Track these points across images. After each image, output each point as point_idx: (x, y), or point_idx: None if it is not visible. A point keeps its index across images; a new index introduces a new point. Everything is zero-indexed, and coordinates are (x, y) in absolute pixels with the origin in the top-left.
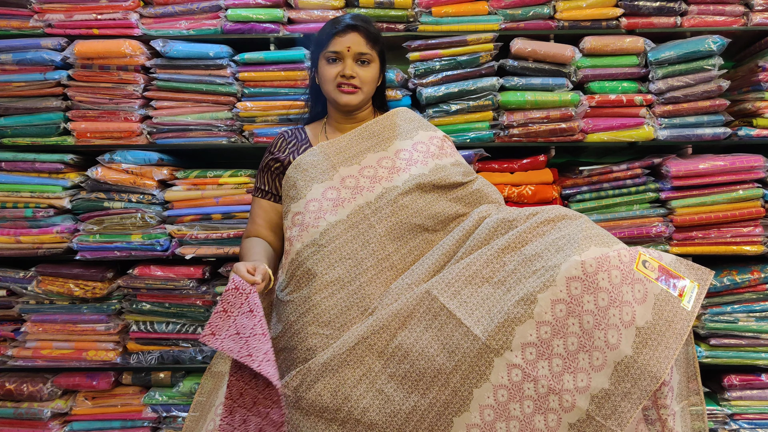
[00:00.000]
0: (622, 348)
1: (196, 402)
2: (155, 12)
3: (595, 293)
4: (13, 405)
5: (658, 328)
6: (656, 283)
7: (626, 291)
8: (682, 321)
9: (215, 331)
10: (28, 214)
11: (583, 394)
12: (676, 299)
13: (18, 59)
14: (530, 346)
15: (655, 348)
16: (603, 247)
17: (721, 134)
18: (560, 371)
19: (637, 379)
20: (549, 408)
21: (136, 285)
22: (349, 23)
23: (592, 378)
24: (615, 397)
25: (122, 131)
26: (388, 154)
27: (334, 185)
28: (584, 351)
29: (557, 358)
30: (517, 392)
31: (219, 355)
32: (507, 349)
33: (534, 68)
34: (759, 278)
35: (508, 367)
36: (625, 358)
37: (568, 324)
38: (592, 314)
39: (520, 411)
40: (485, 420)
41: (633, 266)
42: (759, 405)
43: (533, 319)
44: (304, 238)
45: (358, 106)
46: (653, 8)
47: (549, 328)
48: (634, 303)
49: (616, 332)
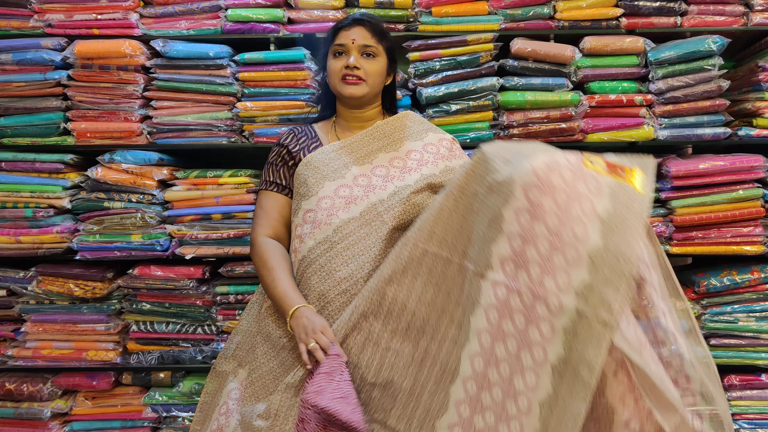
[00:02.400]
0: (591, 239)
1: (202, 402)
2: (155, 12)
3: (552, 195)
4: (13, 405)
5: (619, 214)
6: (607, 176)
7: (581, 186)
8: (639, 204)
9: (319, 391)
10: (28, 214)
11: (567, 293)
12: (628, 186)
13: (18, 59)
14: (507, 260)
15: (622, 232)
16: (549, 155)
17: (721, 134)
18: (540, 276)
19: (613, 264)
20: (539, 317)
21: (136, 285)
22: (356, 18)
23: (571, 274)
24: (597, 286)
25: (122, 131)
26: (400, 155)
27: (347, 183)
28: (557, 251)
29: (534, 264)
30: (506, 308)
31: (222, 354)
32: (489, 269)
33: (534, 68)
34: (759, 278)
35: (493, 286)
36: (596, 248)
37: (536, 229)
38: (554, 214)
39: (513, 327)
40: (484, 347)
41: (581, 165)
42: (759, 405)
43: (504, 234)
44: (316, 235)
45: (362, 98)
46: (653, 8)
47: (519, 239)
48: (591, 196)
49: (581, 226)
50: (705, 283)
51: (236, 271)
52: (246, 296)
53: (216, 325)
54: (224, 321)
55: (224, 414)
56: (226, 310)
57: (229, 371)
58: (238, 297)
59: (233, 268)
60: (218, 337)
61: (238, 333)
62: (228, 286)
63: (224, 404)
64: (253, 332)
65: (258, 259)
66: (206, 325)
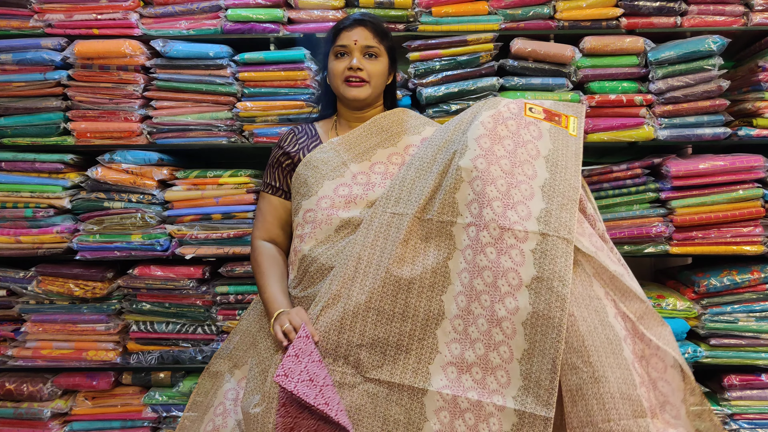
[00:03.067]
0: (539, 175)
1: (193, 402)
2: (155, 12)
3: (501, 142)
4: (13, 405)
5: (559, 152)
6: (545, 122)
7: (524, 133)
8: (575, 144)
9: (287, 373)
10: (28, 214)
11: (528, 220)
12: (564, 130)
13: (18, 59)
14: (471, 202)
15: (564, 168)
16: (492, 108)
17: (721, 134)
18: (502, 210)
19: (563, 193)
20: (508, 245)
21: (136, 285)
22: (357, 18)
23: (530, 205)
24: (553, 211)
25: (122, 131)
26: (398, 150)
27: (346, 182)
28: (513, 187)
29: (496, 201)
30: (478, 245)
31: (218, 354)
32: (458, 215)
33: (534, 68)
34: (759, 278)
35: (465, 229)
36: (545, 181)
37: (492, 172)
38: (506, 158)
39: (486, 259)
40: (464, 284)
41: (522, 113)
42: (759, 405)
43: (464, 181)
44: (317, 234)
45: (366, 100)
46: (653, 8)
47: (479, 180)
48: (534, 140)
49: (530, 166)
50: (705, 283)
51: (236, 271)
52: (246, 296)
53: (216, 325)
54: (224, 321)
55: (221, 414)
56: (226, 310)
57: (225, 371)
58: (238, 297)
59: (233, 268)
60: (218, 337)
61: (238, 332)
62: (228, 286)
63: (221, 404)
64: (253, 331)
65: (253, 262)
66: (206, 325)
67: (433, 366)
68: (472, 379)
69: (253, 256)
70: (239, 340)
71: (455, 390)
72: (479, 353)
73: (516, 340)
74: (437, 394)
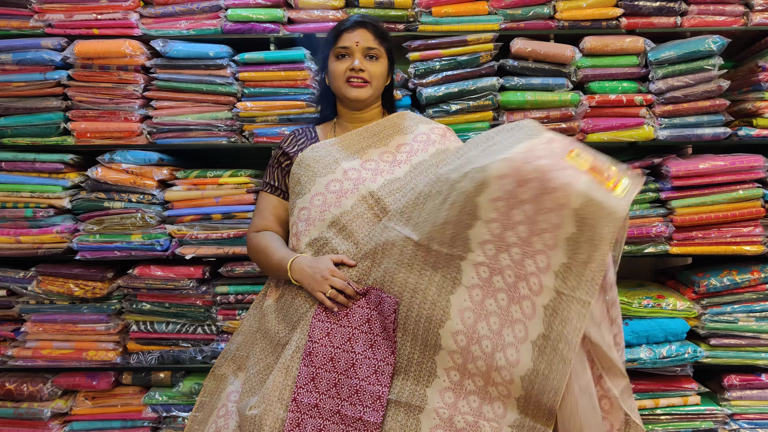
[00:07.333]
0: (565, 227)
1: (200, 402)
2: (155, 12)
3: (526, 185)
4: (13, 405)
5: (593, 209)
6: (585, 174)
7: (555, 177)
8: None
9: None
10: (28, 214)
11: (546, 273)
12: (605, 189)
13: (18, 59)
14: (487, 243)
15: (594, 224)
16: (528, 143)
17: (721, 134)
18: (521, 257)
19: (589, 250)
20: (521, 296)
21: (136, 285)
22: (357, 20)
23: (550, 257)
24: (575, 267)
25: (122, 131)
26: (389, 149)
27: (337, 177)
28: (535, 235)
29: (515, 247)
30: (489, 287)
31: (223, 356)
32: (468, 252)
33: (534, 68)
34: (759, 278)
35: (476, 267)
36: (571, 234)
37: (514, 216)
38: (530, 203)
39: (496, 305)
40: (467, 324)
41: (564, 155)
42: (759, 405)
43: (481, 220)
44: (311, 232)
45: (367, 101)
46: (653, 8)
47: (498, 223)
48: (566, 188)
49: (556, 215)
50: (705, 283)
51: (236, 271)
52: (246, 296)
53: (216, 325)
54: (224, 321)
55: (223, 416)
56: (226, 310)
57: (229, 373)
58: (238, 297)
59: (233, 268)
60: (218, 337)
61: (240, 333)
62: (228, 286)
63: (223, 406)
64: (253, 331)
65: (250, 249)
66: (206, 325)
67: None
68: (469, 406)
69: (249, 246)
70: (242, 340)
71: (452, 411)
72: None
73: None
74: (434, 412)
